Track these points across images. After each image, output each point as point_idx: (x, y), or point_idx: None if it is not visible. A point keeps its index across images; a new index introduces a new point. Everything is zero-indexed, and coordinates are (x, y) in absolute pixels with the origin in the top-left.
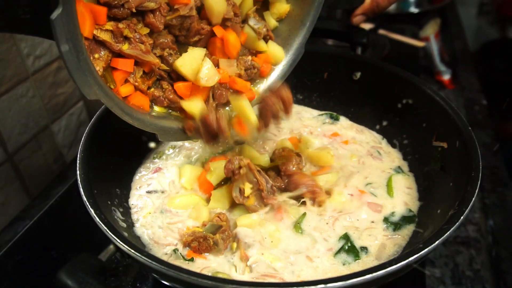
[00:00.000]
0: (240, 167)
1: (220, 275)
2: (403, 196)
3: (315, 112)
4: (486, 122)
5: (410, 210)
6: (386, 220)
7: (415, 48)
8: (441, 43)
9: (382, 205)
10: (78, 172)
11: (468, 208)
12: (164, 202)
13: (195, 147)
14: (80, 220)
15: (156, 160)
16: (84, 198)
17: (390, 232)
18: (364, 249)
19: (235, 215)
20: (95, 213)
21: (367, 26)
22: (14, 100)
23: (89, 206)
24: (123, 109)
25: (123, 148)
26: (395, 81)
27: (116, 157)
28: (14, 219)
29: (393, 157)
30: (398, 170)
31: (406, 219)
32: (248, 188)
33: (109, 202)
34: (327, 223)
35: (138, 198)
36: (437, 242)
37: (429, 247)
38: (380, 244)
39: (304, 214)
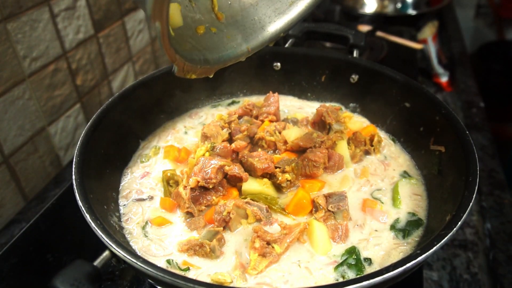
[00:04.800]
0: (228, 213)
1: (220, 276)
2: (409, 202)
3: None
4: (483, 124)
5: (414, 214)
6: (393, 227)
7: (413, 51)
8: (439, 45)
9: (387, 212)
10: (73, 176)
11: (466, 213)
12: (152, 213)
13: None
14: (76, 223)
15: (144, 163)
16: (80, 204)
17: (400, 240)
18: (368, 260)
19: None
20: (90, 218)
21: (364, 28)
22: (10, 102)
23: (85, 212)
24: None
25: (120, 152)
26: (393, 84)
27: (112, 160)
28: (10, 222)
29: (399, 160)
30: (404, 175)
31: (412, 224)
32: (246, 224)
33: (105, 207)
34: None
35: (127, 206)
36: (434, 248)
37: (427, 253)
38: (385, 253)
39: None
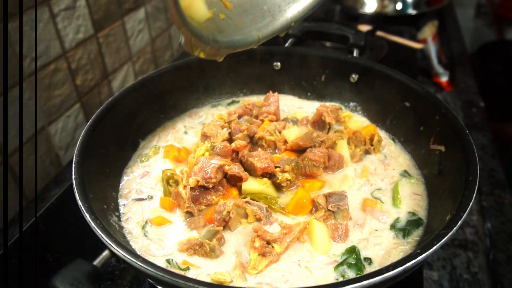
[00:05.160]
0: (228, 212)
1: (220, 276)
2: (409, 202)
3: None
4: (483, 124)
5: (414, 214)
6: (393, 227)
7: (413, 50)
8: (439, 45)
9: (387, 211)
10: (73, 176)
11: (466, 213)
12: (151, 213)
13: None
14: (76, 222)
15: (144, 163)
16: (80, 203)
17: (400, 240)
18: (368, 259)
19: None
20: (90, 218)
21: (364, 28)
22: (10, 102)
23: (85, 211)
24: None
25: (120, 151)
26: (393, 84)
27: (112, 160)
28: (10, 222)
29: (399, 159)
30: (404, 174)
31: (412, 223)
32: (246, 224)
33: (105, 206)
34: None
35: (127, 206)
36: (434, 248)
37: (427, 253)
38: (385, 253)
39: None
